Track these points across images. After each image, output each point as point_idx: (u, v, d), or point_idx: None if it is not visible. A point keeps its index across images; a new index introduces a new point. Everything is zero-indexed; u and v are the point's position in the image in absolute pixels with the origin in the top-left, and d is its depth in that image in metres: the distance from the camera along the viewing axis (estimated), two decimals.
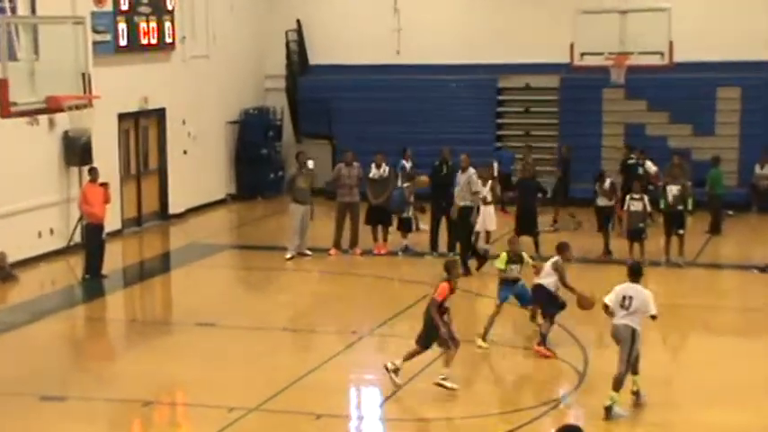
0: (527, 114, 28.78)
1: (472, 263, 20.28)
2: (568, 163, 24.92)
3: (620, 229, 21.79)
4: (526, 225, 21.30)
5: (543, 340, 15.45)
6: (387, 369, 14.08)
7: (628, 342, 13.12)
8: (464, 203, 20.66)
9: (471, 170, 20.81)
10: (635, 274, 13.56)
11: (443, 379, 13.88)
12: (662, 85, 26.40)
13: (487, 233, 21.52)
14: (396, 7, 28.77)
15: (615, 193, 21.90)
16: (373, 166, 22.28)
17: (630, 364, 13.20)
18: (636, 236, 20.65)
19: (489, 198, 21.58)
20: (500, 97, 29.08)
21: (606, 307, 13.41)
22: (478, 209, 20.99)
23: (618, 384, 13.12)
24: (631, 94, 27.17)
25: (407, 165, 23.25)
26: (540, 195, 22.32)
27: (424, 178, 22.23)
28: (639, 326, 13.15)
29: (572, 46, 22.59)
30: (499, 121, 28.94)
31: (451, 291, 14.05)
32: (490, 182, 21.78)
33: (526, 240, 20.46)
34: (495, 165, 24.94)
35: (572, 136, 27.10)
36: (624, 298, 13.20)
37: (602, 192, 21.87)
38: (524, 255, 16.20)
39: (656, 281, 18.55)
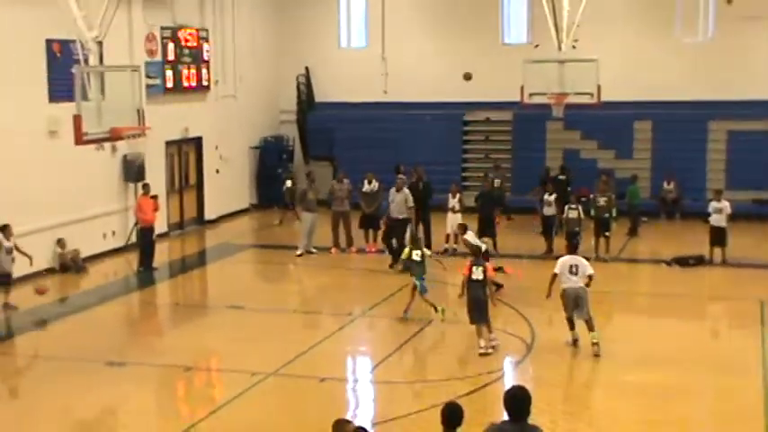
0: (487, 142, 28.80)
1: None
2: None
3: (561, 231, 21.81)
4: (486, 228, 21.32)
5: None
6: (483, 354, 14.13)
7: (585, 297, 14.23)
8: (402, 216, 20.59)
9: (406, 190, 20.80)
10: (574, 248, 15.55)
11: (484, 347, 14.13)
12: (592, 119, 26.44)
13: (456, 236, 21.56)
14: (383, 56, 28.84)
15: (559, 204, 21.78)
16: (366, 182, 22.34)
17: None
18: (572, 237, 20.75)
19: (458, 207, 21.65)
20: (465, 128, 29.10)
21: (555, 276, 14.32)
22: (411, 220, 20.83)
23: (592, 325, 14.21)
24: (568, 126, 27.23)
25: (404, 178, 23.27)
26: (498, 204, 22.38)
27: None
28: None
29: (522, 88, 22.66)
30: (464, 147, 28.93)
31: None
32: (458, 195, 21.86)
33: (486, 240, 20.53)
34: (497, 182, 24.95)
35: (522, 158, 27.22)
36: (571, 266, 14.31)
37: (547, 203, 21.81)
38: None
39: None
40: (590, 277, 14.35)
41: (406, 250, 16.84)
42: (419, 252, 16.51)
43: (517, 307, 16.64)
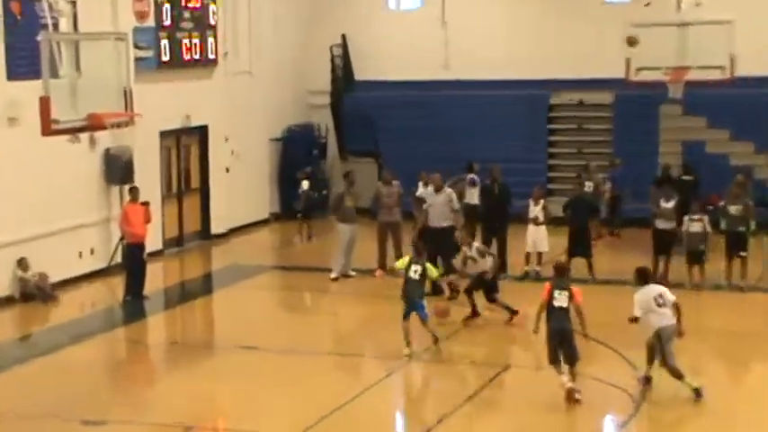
0: (580, 131, 28.70)
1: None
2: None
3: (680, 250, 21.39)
4: (578, 246, 21.14)
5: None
6: (570, 390, 14.22)
7: (673, 337, 14.33)
8: (445, 224, 20.65)
9: (448, 189, 20.96)
10: (648, 276, 15.00)
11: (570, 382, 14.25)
12: (722, 101, 26.19)
13: (539, 254, 21.45)
14: (444, 20, 28.82)
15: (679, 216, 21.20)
16: (420, 184, 22.32)
17: None
18: (696, 258, 20.46)
19: (541, 218, 21.49)
20: (551, 114, 29.03)
21: (636, 319, 14.38)
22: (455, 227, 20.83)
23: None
24: (689, 111, 27.07)
25: (476, 178, 23.23)
26: (594, 213, 22.22)
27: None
28: None
29: (627, 61, 22.45)
30: (551, 138, 28.89)
31: None
32: (542, 201, 21.72)
33: (579, 262, 20.36)
34: (609, 185, 24.98)
35: (627, 154, 26.99)
36: (655, 298, 14.33)
37: (663, 213, 21.22)
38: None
39: (717, 305, 18.45)
40: (677, 307, 14.34)
41: (404, 259, 16.79)
42: (419, 268, 16.44)
43: (618, 348, 16.44)
